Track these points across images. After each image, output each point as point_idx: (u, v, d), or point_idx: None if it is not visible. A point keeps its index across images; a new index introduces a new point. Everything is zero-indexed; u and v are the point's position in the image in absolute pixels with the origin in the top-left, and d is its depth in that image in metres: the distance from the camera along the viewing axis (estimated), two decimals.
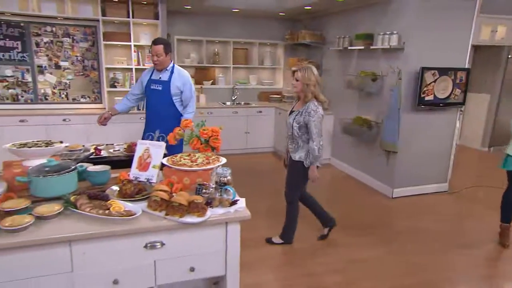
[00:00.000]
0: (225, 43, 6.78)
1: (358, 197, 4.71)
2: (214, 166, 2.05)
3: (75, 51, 5.44)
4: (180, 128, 2.44)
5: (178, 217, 1.76)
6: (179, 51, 6.54)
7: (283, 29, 6.93)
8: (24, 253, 1.58)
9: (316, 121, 2.94)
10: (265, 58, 7.06)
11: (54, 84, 5.45)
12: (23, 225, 1.57)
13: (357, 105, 5.30)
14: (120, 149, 2.94)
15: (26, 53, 5.21)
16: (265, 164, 6.14)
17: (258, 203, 4.21)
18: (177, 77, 3.45)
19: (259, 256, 3.20)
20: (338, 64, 5.75)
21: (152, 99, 3.49)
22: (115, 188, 2.05)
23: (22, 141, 2.20)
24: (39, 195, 1.86)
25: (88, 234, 1.65)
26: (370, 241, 3.53)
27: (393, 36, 4.31)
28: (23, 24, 5.10)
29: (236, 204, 1.91)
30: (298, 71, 2.99)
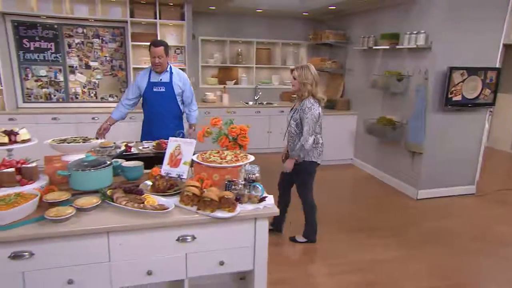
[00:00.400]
0: (248, 43, 6.84)
1: (381, 198, 4.67)
2: (243, 163, 2.09)
3: (104, 52, 5.63)
4: (208, 126, 2.50)
5: (209, 211, 1.82)
6: (203, 51, 6.65)
7: (306, 29, 6.94)
8: (66, 242, 1.68)
9: (309, 118, 2.98)
10: (287, 58, 7.08)
11: (84, 84, 5.66)
12: (66, 215, 1.67)
13: (381, 105, 5.25)
14: (149, 146, 3.04)
15: (59, 54, 5.43)
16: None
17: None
18: (177, 77, 3.45)
19: (282, 253, 3.23)
20: (361, 64, 5.71)
21: (155, 101, 3.42)
22: (148, 183, 2.14)
23: (62, 137, 2.32)
24: (78, 188, 1.97)
25: (124, 226, 1.74)
26: (395, 242, 3.51)
27: (420, 36, 4.26)
28: (56, 26, 5.32)
29: (264, 201, 1.96)
30: (295, 70, 3.05)
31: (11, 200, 1.66)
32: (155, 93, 3.40)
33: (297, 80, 3.04)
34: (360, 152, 5.90)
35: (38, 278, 1.67)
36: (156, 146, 2.99)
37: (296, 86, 3.07)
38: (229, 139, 2.43)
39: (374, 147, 5.47)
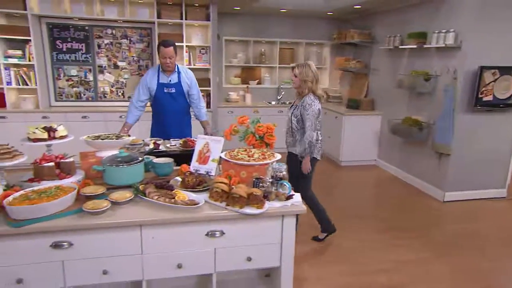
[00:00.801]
0: (271, 43, 6.86)
1: (406, 199, 4.60)
2: (270, 161, 2.12)
3: (132, 52, 5.78)
4: (235, 125, 2.54)
5: (238, 208, 1.85)
6: (227, 51, 6.72)
7: (330, 29, 6.90)
8: (102, 233, 1.75)
9: (310, 114, 3.02)
10: (311, 57, 7.05)
11: (112, 83, 5.84)
12: (103, 208, 1.75)
13: (406, 105, 5.17)
14: (176, 144, 3.12)
15: (89, 54, 5.62)
16: None
17: None
18: (185, 77, 3.47)
19: (305, 252, 3.24)
20: (387, 64, 5.63)
21: (166, 102, 3.44)
22: (178, 179, 2.20)
23: (96, 134, 2.42)
24: (112, 183, 2.05)
25: (156, 220, 1.80)
26: (420, 243, 3.45)
27: (449, 34, 4.16)
28: (87, 28, 5.51)
29: (292, 198, 1.98)
30: (296, 67, 3.11)
31: (52, 193, 1.75)
32: (166, 94, 3.43)
33: (298, 78, 3.10)
34: (384, 153, 5.82)
35: (76, 267, 1.75)
36: (183, 144, 3.05)
37: (297, 83, 3.12)
38: (256, 137, 2.46)
39: (399, 147, 5.39)
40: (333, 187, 5.12)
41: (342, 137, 5.81)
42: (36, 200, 1.66)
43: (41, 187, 1.82)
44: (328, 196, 4.72)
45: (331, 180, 5.39)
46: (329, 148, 6.28)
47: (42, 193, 1.73)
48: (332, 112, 6.11)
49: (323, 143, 3.14)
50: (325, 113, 6.41)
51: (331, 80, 7.22)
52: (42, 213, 1.64)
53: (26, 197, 1.69)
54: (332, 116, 6.10)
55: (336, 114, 5.96)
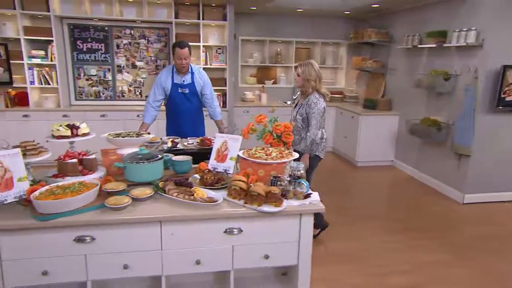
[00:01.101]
0: (287, 43, 6.85)
1: (423, 201, 4.52)
2: (288, 160, 2.12)
3: (149, 52, 5.87)
4: (253, 123, 2.55)
5: (257, 205, 1.86)
6: (243, 51, 6.74)
7: (347, 28, 6.84)
8: (123, 229, 1.79)
9: (315, 113, 3.03)
10: (327, 57, 7.02)
11: (130, 83, 5.94)
12: (124, 204, 1.78)
13: (425, 105, 5.08)
14: (193, 142, 3.16)
15: (108, 54, 5.73)
16: (324, 163, 5.96)
17: None
18: (198, 78, 3.52)
19: (321, 252, 3.23)
20: (405, 63, 5.55)
21: (181, 102, 3.49)
22: (196, 176, 2.22)
23: (117, 131, 2.47)
24: (132, 180, 2.09)
25: (176, 216, 1.83)
26: (438, 245, 3.39)
27: (470, 33, 4.07)
28: (107, 28, 5.63)
29: (310, 197, 1.98)
30: (299, 67, 3.14)
31: (75, 188, 1.79)
32: (180, 94, 3.48)
33: (301, 77, 3.12)
34: (402, 153, 5.74)
35: (98, 261, 1.80)
36: (200, 142, 3.09)
37: (300, 82, 3.15)
38: (273, 136, 2.47)
39: (417, 148, 5.30)
40: (349, 187, 5.08)
41: (359, 137, 5.76)
42: (61, 195, 1.71)
43: (65, 182, 1.87)
44: (344, 196, 4.69)
45: (347, 180, 5.35)
46: (345, 148, 6.24)
47: (66, 189, 1.78)
48: (348, 112, 6.07)
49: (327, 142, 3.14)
50: (340, 113, 6.38)
51: (347, 80, 7.16)
52: (66, 208, 1.69)
53: (51, 192, 1.74)
54: (348, 116, 6.06)
55: (353, 114, 5.91)
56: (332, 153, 6.65)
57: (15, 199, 1.73)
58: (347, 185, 5.15)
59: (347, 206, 4.33)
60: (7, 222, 1.66)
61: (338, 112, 6.47)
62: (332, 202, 4.26)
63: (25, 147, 1.94)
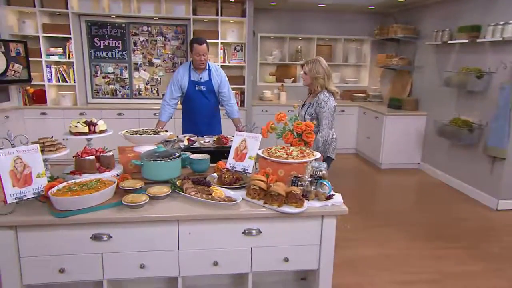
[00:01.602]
0: (308, 40, 6.82)
1: (452, 207, 4.41)
2: (310, 160, 2.10)
3: (167, 49, 5.95)
4: (273, 122, 2.55)
5: (276, 206, 1.86)
6: (262, 48, 6.75)
7: (371, 24, 6.76)
8: (140, 227, 1.82)
9: (326, 112, 2.99)
10: (349, 54, 6.95)
11: (147, 80, 6.03)
12: (141, 202, 1.81)
13: (455, 104, 4.96)
14: (210, 141, 3.19)
15: (125, 52, 5.85)
16: (346, 165, 6.07)
17: None
18: (215, 75, 3.55)
19: (345, 256, 3.19)
20: (433, 60, 5.43)
21: (198, 99, 3.53)
22: (214, 175, 2.24)
23: (134, 129, 2.51)
24: (149, 178, 2.12)
25: (194, 216, 1.84)
26: (469, 254, 3.29)
27: (508, 27, 3.93)
28: (124, 25, 5.74)
29: (332, 198, 1.96)
30: (306, 64, 3.08)
31: (92, 185, 1.83)
32: (197, 92, 3.52)
33: (308, 75, 3.07)
34: (429, 156, 5.61)
35: (115, 260, 1.83)
36: (216, 140, 3.11)
37: (308, 80, 3.10)
38: (294, 135, 2.45)
39: (446, 151, 5.18)
40: (373, 192, 5.01)
41: (383, 138, 5.68)
42: (78, 192, 1.75)
43: (83, 179, 1.91)
44: (367, 200, 4.63)
45: (370, 184, 5.28)
46: (368, 149, 6.16)
47: (84, 186, 1.82)
48: (372, 112, 5.99)
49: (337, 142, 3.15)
50: (363, 113, 6.30)
51: (371, 79, 7.07)
52: (83, 205, 1.73)
53: (69, 188, 1.78)
54: (372, 116, 5.98)
55: (377, 114, 5.83)
56: (354, 155, 6.58)
57: (33, 195, 1.77)
58: (370, 189, 5.08)
59: (371, 210, 4.27)
60: (26, 218, 1.71)
61: (361, 112, 6.39)
62: (355, 205, 4.24)
63: (44, 143, 1.99)
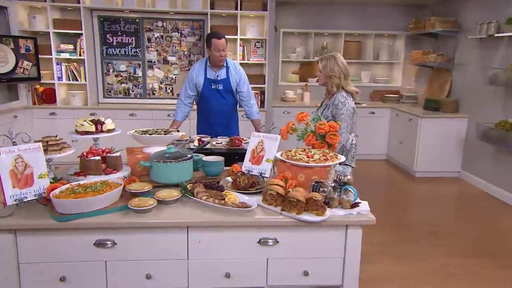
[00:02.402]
0: (335, 36, 6.76)
1: (499, 221, 4.23)
2: (333, 163, 2.05)
3: (183, 46, 6.02)
4: (293, 122, 2.51)
5: (295, 213, 1.81)
6: (285, 45, 6.72)
7: (405, 17, 6.63)
8: (146, 234, 1.81)
9: (344, 114, 2.91)
10: (381, 51, 6.84)
11: (161, 79, 6.12)
12: (148, 206, 1.80)
13: (502, 106, 4.78)
14: (222, 142, 3.20)
15: (139, 49, 5.96)
16: (376, 173, 5.98)
17: None
18: (233, 73, 3.54)
19: (374, 271, 3.09)
20: (476, 56, 5.26)
21: (214, 99, 3.53)
22: (229, 179, 2.22)
23: (144, 129, 2.53)
24: (158, 180, 2.12)
25: (204, 222, 1.82)
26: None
27: None
28: (138, 20, 5.85)
29: (358, 207, 1.90)
30: (320, 61, 3.01)
31: (97, 187, 1.84)
32: (213, 91, 3.52)
33: (322, 73, 3.00)
34: (471, 163, 5.42)
35: (119, 268, 1.83)
36: (229, 142, 3.11)
37: (322, 79, 3.04)
38: (317, 137, 2.41)
39: (490, 157, 4.99)
40: (406, 202, 4.89)
41: (417, 143, 5.55)
42: (82, 194, 1.76)
43: (87, 181, 1.93)
44: (400, 211, 4.50)
45: (403, 193, 5.16)
46: (401, 156, 6.04)
47: (88, 188, 1.83)
48: (406, 114, 5.86)
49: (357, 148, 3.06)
50: (396, 115, 6.18)
51: (405, 78, 6.94)
52: (87, 208, 1.74)
53: (72, 190, 1.80)
54: (405, 119, 5.85)
55: (411, 117, 5.70)
56: (385, 161, 6.47)
57: (35, 197, 1.80)
58: (403, 199, 4.96)
59: (404, 222, 4.15)
60: (26, 222, 1.73)
61: (393, 114, 6.28)
62: (386, 217, 4.15)
63: (47, 142, 2.02)
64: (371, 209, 1.93)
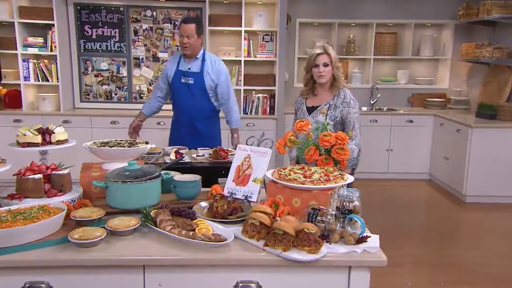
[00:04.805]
0: (364, 27, 6.75)
1: None
2: (336, 186, 1.98)
3: (176, 40, 6.04)
4: (292, 133, 2.44)
5: (281, 250, 1.73)
6: (301, 39, 6.70)
7: (453, 2, 6.55)
8: (90, 274, 1.73)
9: (357, 112, 3.07)
10: (422, 45, 6.81)
11: (150, 80, 6.14)
12: (93, 239, 1.73)
13: None
14: (204, 154, 3.21)
15: (123, 43, 6.02)
16: (414, 195, 5.91)
17: (396, 250, 3.94)
18: (210, 67, 3.67)
19: None
20: None
21: (183, 95, 3.70)
22: (203, 204, 2.16)
23: (105, 140, 2.48)
24: (116, 205, 2.06)
25: (165, 260, 1.74)
26: None
27: None
28: (122, 9, 5.92)
29: (365, 242, 1.80)
30: (326, 52, 3.02)
31: (31, 214, 1.78)
32: (183, 85, 3.68)
33: (331, 66, 3.03)
34: None
35: None
36: (213, 154, 3.12)
37: (329, 74, 3.05)
38: (320, 151, 2.33)
39: None
40: (452, 234, 4.76)
41: (468, 159, 5.43)
42: (9, 223, 1.70)
43: (21, 206, 1.87)
44: (445, 245, 4.34)
45: (448, 223, 5.04)
46: (447, 175, 5.95)
47: (19, 215, 1.77)
48: (453, 123, 5.76)
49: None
50: (440, 124, 6.09)
51: (453, 77, 6.87)
52: (13, 241, 1.67)
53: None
54: (453, 129, 5.73)
55: (459, 126, 5.59)
56: (427, 182, 6.36)
57: None
58: (448, 230, 4.84)
59: (451, 261, 4.00)
60: None
61: (437, 122, 6.20)
62: (426, 253, 4.07)
63: None
64: (406, 241, 1.83)
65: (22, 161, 2.25)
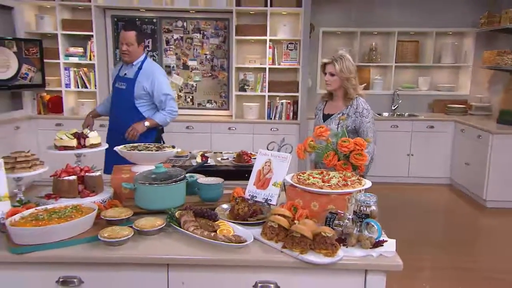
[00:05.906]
0: (386, 35, 6.64)
1: None
2: (354, 190, 1.95)
3: (205, 49, 6.09)
4: (312, 138, 2.41)
5: (298, 252, 1.70)
6: (325, 47, 6.62)
7: (474, 10, 6.38)
8: (117, 271, 1.75)
9: (371, 122, 3.03)
10: (444, 53, 6.63)
11: (180, 87, 6.19)
12: (121, 238, 1.74)
13: None
14: (229, 157, 3.19)
15: (156, 52, 6.09)
16: (435, 200, 5.76)
17: (416, 256, 3.85)
18: (144, 75, 3.52)
19: None
20: None
21: (114, 100, 3.66)
22: (225, 206, 2.15)
23: (134, 144, 2.51)
24: (143, 206, 2.07)
25: (188, 259, 1.74)
26: None
27: None
28: (155, 20, 6.00)
29: (381, 246, 1.76)
30: (333, 63, 3.01)
31: (65, 213, 1.81)
32: (116, 90, 3.64)
33: (337, 76, 2.99)
34: None
35: None
36: (237, 158, 3.11)
37: (336, 84, 3.02)
38: (339, 156, 2.30)
39: None
40: (473, 240, 4.61)
41: (488, 165, 5.28)
42: (45, 222, 1.73)
43: (56, 205, 1.90)
44: (465, 253, 4.19)
45: (469, 228, 4.88)
46: (468, 180, 5.79)
47: (54, 213, 1.80)
48: (474, 129, 5.60)
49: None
50: (461, 130, 5.91)
51: (474, 84, 6.67)
52: (48, 238, 1.70)
53: (35, 217, 1.77)
54: (473, 135, 5.57)
55: (480, 132, 5.43)
56: (447, 187, 6.19)
57: None
58: (469, 236, 4.68)
59: (470, 266, 3.87)
60: None
61: (458, 129, 6.04)
62: (445, 258, 3.95)
63: (15, 159, 2.03)
64: (426, 245, 1.79)
65: (58, 163, 2.30)
